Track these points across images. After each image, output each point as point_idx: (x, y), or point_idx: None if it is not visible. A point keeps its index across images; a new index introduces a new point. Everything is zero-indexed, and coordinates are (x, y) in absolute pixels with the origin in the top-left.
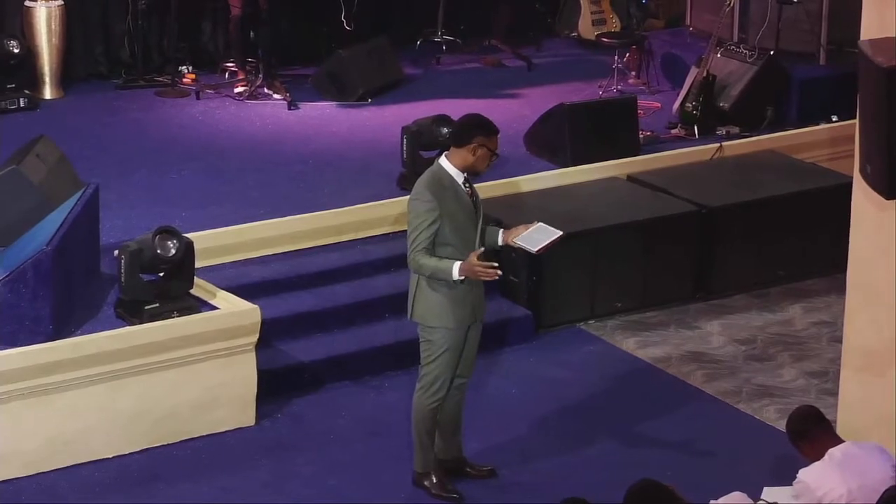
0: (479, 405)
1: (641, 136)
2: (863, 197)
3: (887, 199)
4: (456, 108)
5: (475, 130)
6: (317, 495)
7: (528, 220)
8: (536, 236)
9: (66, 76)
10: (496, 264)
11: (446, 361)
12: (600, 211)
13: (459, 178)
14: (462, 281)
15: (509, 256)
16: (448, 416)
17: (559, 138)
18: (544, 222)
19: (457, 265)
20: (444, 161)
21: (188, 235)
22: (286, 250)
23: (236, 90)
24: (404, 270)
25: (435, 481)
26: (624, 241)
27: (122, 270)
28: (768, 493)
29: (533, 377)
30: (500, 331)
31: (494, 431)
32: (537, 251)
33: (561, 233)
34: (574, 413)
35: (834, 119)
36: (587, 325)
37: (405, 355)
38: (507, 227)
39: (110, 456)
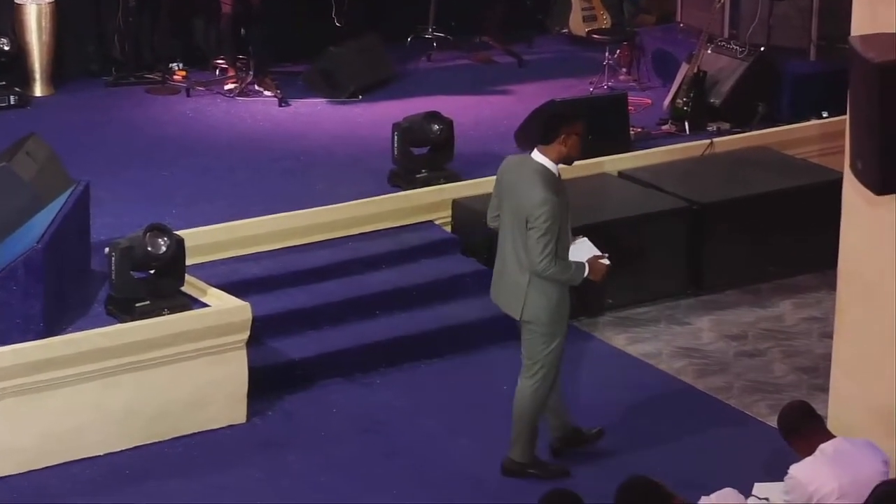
0: (470, 402)
1: (632, 132)
2: (853, 192)
3: (878, 194)
4: (447, 104)
5: (559, 123)
6: (308, 492)
7: None
8: (581, 255)
9: (57, 74)
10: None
11: (559, 352)
12: (591, 207)
13: (556, 172)
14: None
15: None
16: (557, 396)
17: None
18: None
19: (587, 268)
20: (540, 158)
21: (179, 233)
22: (277, 247)
23: (227, 87)
24: (396, 267)
25: (541, 465)
26: (615, 237)
27: (113, 268)
28: (759, 488)
29: None
30: (490, 327)
31: (486, 428)
32: None
33: (607, 255)
34: None
35: (824, 115)
36: (578, 322)
37: (396, 352)
38: None
39: (102, 453)
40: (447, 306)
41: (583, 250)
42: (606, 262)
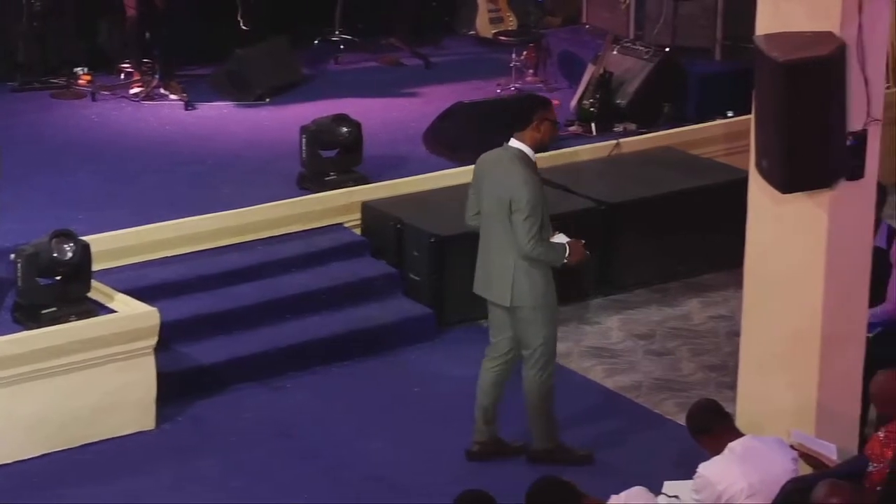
0: (382, 405)
1: None
2: (759, 191)
3: (783, 193)
4: (355, 107)
5: (532, 108)
6: (221, 497)
7: (431, 218)
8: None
9: None
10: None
11: (553, 335)
12: None
13: (533, 157)
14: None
15: (411, 254)
16: (496, 398)
17: (459, 136)
18: (446, 220)
19: (567, 247)
20: (517, 144)
21: (85, 238)
22: (186, 252)
23: (132, 91)
24: (306, 270)
25: (567, 450)
26: None
27: (19, 274)
28: (669, 486)
29: (435, 375)
30: (401, 329)
31: (397, 430)
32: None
33: (583, 241)
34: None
35: (730, 114)
36: (489, 323)
37: (308, 356)
38: None
39: (11, 461)
40: (357, 309)
41: (561, 240)
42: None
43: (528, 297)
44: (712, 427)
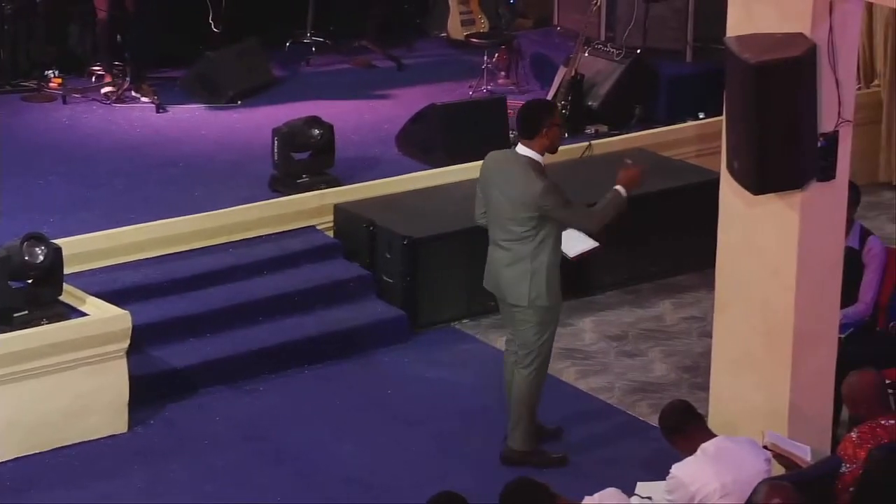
0: (355, 407)
1: (512, 135)
2: (730, 193)
3: (754, 194)
4: (326, 109)
5: (541, 115)
6: (193, 500)
7: (404, 220)
8: (572, 243)
9: None
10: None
11: (551, 337)
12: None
13: (542, 161)
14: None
15: (383, 256)
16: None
17: (431, 138)
18: (418, 222)
19: (620, 187)
20: (526, 151)
21: (57, 241)
22: (158, 255)
23: (103, 93)
24: (278, 273)
25: (541, 454)
26: None
27: None
28: (642, 488)
29: (408, 377)
30: (374, 331)
31: (370, 433)
32: (573, 258)
33: (598, 244)
34: (449, 412)
35: (701, 116)
36: (461, 325)
37: (281, 358)
38: None
39: None
40: (330, 311)
41: (572, 235)
42: (568, 255)
43: (532, 297)
44: (685, 428)
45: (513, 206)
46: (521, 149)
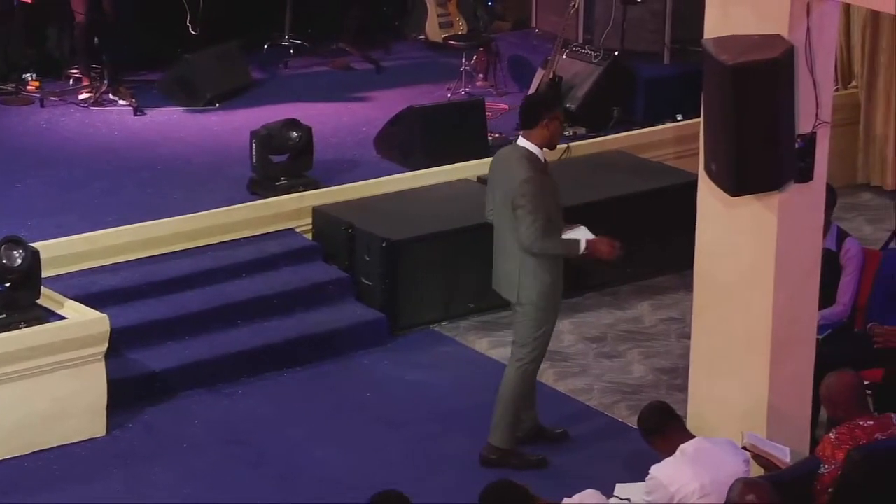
0: (335, 410)
1: (490, 137)
2: (708, 194)
3: (732, 195)
4: (305, 111)
5: (541, 108)
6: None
7: (383, 223)
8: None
9: None
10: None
11: (549, 333)
12: (452, 213)
13: (542, 156)
14: (582, 253)
15: (362, 259)
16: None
17: (409, 141)
18: (397, 224)
19: (583, 240)
20: (525, 143)
21: (35, 245)
22: (136, 258)
23: (81, 97)
24: (257, 275)
25: (521, 455)
26: (476, 242)
27: None
28: (621, 489)
29: (387, 380)
30: (354, 334)
31: (350, 435)
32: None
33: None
34: (428, 414)
35: (679, 118)
36: (441, 327)
37: (259, 361)
38: None
39: None
40: (309, 314)
41: (578, 236)
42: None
43: (532, 295)
44: (664, 429)
45: (505, 199)
46: (521, 141)
